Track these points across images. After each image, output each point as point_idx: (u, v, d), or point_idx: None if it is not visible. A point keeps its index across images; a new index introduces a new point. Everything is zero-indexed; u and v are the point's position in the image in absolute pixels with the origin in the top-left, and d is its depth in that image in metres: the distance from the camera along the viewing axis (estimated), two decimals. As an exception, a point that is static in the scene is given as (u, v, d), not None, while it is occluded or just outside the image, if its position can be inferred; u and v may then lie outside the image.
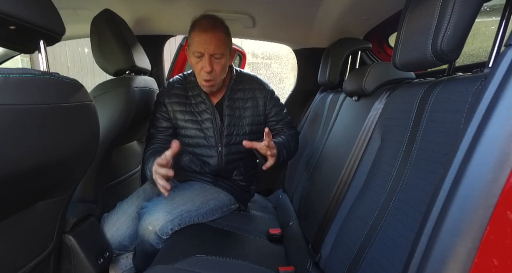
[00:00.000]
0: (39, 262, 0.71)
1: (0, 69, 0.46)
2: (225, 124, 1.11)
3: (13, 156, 0.48)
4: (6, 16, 0.47)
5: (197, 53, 0.97)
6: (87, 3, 1.18)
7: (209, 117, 1.10)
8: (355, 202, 0.74)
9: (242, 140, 1.06)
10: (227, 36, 1.00)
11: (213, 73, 0.99)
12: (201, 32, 0.95)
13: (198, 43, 0.96)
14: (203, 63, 0.98)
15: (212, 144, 1.11)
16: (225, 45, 0.98)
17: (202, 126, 1.10)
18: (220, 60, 0.99)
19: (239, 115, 1.12)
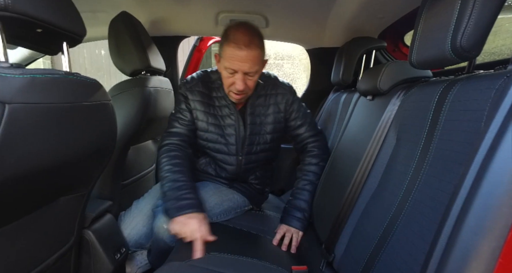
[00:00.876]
0: (61, 255, 0.73)
1: (28, 70, 0.48)
2: (248, 133, 1.06)
3: (38, 151, 0.50)
4: (35, 20, 0.50)
5: (229, 69, 0.91)
6: (106, 6, 1.22)
7: (232, 123, 1.05)
8: (369, 202, 0.73)
9: (262, 148, 1.10)
10: (262, 50, 0.92)
11: (245, 89, 0.95)
12: (235, 48, 0.87)
13: (232, 59, 0.89)
14: (236, 79, 0.92)
15: (233, 152, 1.07)
16: (260, 60, 0.92)
17: (224, 132, 1.05)
18: (254, 77, 0.94)
19: (261, 123, 1.07)
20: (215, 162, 1.11)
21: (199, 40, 1.84)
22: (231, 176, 1.11)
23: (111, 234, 0.99)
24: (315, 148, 1.12)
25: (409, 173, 0.61)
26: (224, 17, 1.34)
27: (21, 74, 0.46)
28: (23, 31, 0.52)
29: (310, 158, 1.12)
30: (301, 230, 1.00)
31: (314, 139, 1.13)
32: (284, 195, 1.55)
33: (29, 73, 0.47)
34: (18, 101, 0.44)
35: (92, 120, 0.65)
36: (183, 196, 0.89)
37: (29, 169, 0.49)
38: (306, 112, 1.13)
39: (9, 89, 0.43)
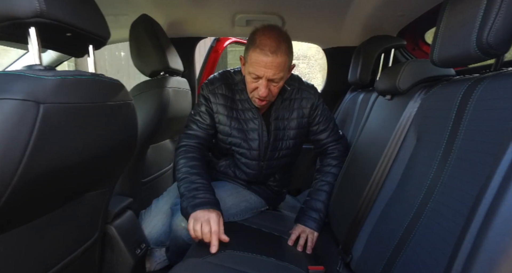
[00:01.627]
0: (87, 248, 0.77)
1: (58, 72, 0.50)
2: (271, 139, 1.03)
3: (67, 149, 0.53)
4: (66, 24, 0.52)
5: (254, 75, 0.88)
6: (127, 9, 1.26)
7: (256, 127, 1.02)
8: (388, 202, 0.72)
9: (285, 154, 1.08)
10: (289, 56, 0.89)
11: (268, 95, 0.91)
12: (261, 54, 0.84)
13: (257, 65, 0.86)
14: (259, 85, 0.89)
15: (255, 158, 1.05)
16: (286, 67, 0.89)
17: (247, 137, 1.03)
18: (278, 83, 0.91)
19: (284, 128, 1.04)
20: (236, 165, 1.10)
21: (216, 41, 1.87)
22: (250, 179, 1.11)
23: (132, 230, 1.02)
24: (336, 150, 1.11)
25: (430, 174, 0.60)
26: (241, 17, 1.35)
27: (53, 76, 0.49)
28: (54, 36, 0.55)
29: (330, 159, 1.11)
30: (317, 230, 0.99)
31: (335, 143, 1.11)
32: (300, 195, 1.54)
33: (60, 75, 0.50)
34: (50, 101, 0.46)
35: (115, 119, 0.68)
36: (199, 195, 0.88)
37: (59, 164, 0.52)
38: (329, 116, 1.10)
39: (43, 90, 0.46)
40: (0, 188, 0.43)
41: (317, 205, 1.04)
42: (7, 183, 0.43)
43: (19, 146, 0.43)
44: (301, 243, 0.95)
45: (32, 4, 0.47)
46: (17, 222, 0.53)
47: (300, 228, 1.00)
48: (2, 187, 0.43)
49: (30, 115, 0.44)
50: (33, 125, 0.44)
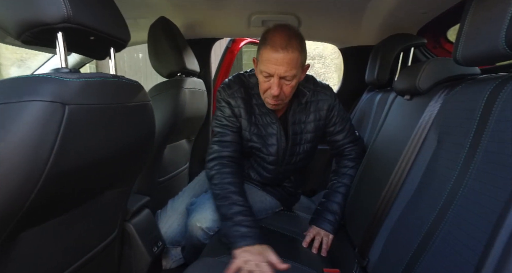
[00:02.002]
0: (107, 244, 0.79)
1: (83, 74, 0.53)
2: (290, 144, 1.01)
3: (90, 148, 0.55)
4: (90, 29, 0.55)
5: (265, 73, 0.86)
6: (146, 12, 1.29)
7: (274, 132, 1.00)
8: (407, 206, 0.70)
9: (302, 158, 1.07)
10: (301, 53, 0.85)
11: (281, 95, 0.88)
12: (271, 51, 0.82)
13: (268, 62, 0.84)
14: (271, 84, 0.87)
15: (273, 163, 1.04)
16: (298, 64, 0.85)
17: (266, 142, 1.01)
18: (291, 82, 0.87)
19: (301, 132, 1.02)
20: (253, 167, 1.10)
21: (232, 41, 1.88)
22: (266, 182, 1.11)
23: (149, 228, 1.05)
24: (352, 151, 1.09)
25: (453, 177, 0.58)
26: (257, 18, 1.35)
27: (78, 78, 0.51)
28: (78, 40, 0.57)
29: (346, 161, 1.09)
30: (332, 233, 0.98)
31: (352, 144, 1.10)
32: (316, 196, 1.53)
33: (84, 77, 0.52)
34: (75, 103, 0.48)
35: (134, 120, 0.69)
36: (244, 223, 0.82)
37: (83, 163, 0.54)
38: (345, 116, 1.07)
39: (69, 92, 0.48)
40: (30, 185, 0.45)
41: (333, 207, 1.02)
42: (36, 180, 0.45)
43: (47, 145, 0.45)
44: (315, 245, 0.94)
45: (60, 10, 0.49)
46: (45, 217, 0.56)
47: (315, 230, 0.99)
48: (32, 184, 0.45)
49: (57, 116, 0.46)
50: (59, 126, 0.46)
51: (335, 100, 1.05)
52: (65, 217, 0.62)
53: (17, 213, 0.46)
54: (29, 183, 0.45)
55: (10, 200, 0.43)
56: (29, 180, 0.45)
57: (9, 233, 0.49)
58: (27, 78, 0.47)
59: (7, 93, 0.44)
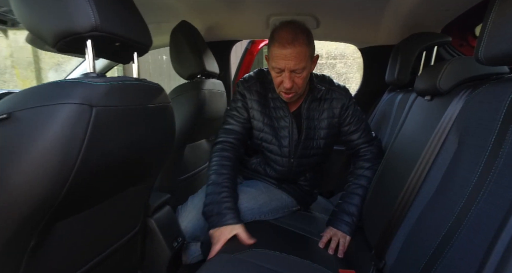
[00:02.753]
0: (130, 238, 0.84)
1: (108, 78, 0.57)
2: (302, 137, 1.05)
3: (114, 147, 0.59)
4: (116, 36, 0.59)
5: (276, 69, 0.92)
6: (168, 16, 1.34)
7: (286, 125, 1.05)
8: (425, 208, 0.69)
9: (315, 153, 1.09)
10: (308, 46, 0.90)
11: (294, 87, 0.93)
12: (280, 47, 0.88)
13: (278, 58, 0.89)
14: (283, 78, 0.92)
15: (286, 155, 1.07)
16: (306, 57, 0.90)
17: (278, 134, 1.06)
18: (301, 74, 0.92)
19: (315, 128, 1.06)
20: (266, 162, 1.13)
21: (251, 43, 1.91)
22: (281, 176, 1.13)
23: (170, 224, 1.09)
24: (368, 152, 1.08)
25: (473, 180, 0.56)
26: (275, 20, 1.37)
27: (104, 82, 0.55)
28: (105, 46, 0.62)
29: (362, 161, 1.08)
30: (349, 234, 0.98)
31: (368, 144, 1.09)
32: (334, 197, 1.52)
33: (109, 81, 0.56)
34: (101, 105, 0.52)
35: (155, 121, 0.73)
36: (224, 205, 0.93)
37: (108, 161, 0.58)
38: (361, 117, 1.09)
39: (96, 95, 0.52)
40: (62, 180, 0.49)
41: (350, 208, 1.02)
42: (67, 175, 0.49)
43: (77, 143, 0.49)
44: (332, 246, 0.94)
45: (89, 20, 0.53)
46: (76, 209, 0.61)
47: (332, 231, 0.99)
48: (64, 179, 0.49)
49: (85, 117, 0.50)
50: (87, 126, 0.50)
51: (350, 100, 1.07)
52: (93, 210, 0.67)
53: (52, 204, 0.50)
54: (62, 178, 0.49)
55: (46, 193, 0.48)
56: (62, 175, 0.49)
57: (46, 223, 0.54)
58: (60, 83, 0.52)
59: (44, 96, 0.49)
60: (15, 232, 0.48)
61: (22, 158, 0.45)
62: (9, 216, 0.47)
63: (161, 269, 1.02)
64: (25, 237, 0.51)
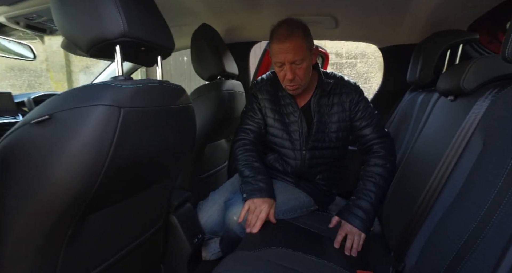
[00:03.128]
0: (153, 233, 0.89)
1: (134, 81, 0.60)
2: (313, 130, 1.10)
3: (140, 146, 0.63)
4: (142, 41, 0.63)
5: (278, 63, 1.00)
6: (190, 20, 1.38)
7: (296, 120, 1.11)
8: (447, 211, 0.67)
9: (327, 146, 1.12)
10: (305, 39, 0.98)
11: (296, 78, 1.00)
12: (278, 42, 0.96)
13: (277, 53, 0.98)
14: (285, 71, 0.99)
15: (297, 147, 1.12)
16: (304, 49, 0.97)
17: (289, 129, 1.12)
18: (301, 64, 0.98)
19: (325, 122, 1.10)
20: (282, 158, 1.17)
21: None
22: (296, 171, 1.14)
23: (190, 221, 1.13)
24: (381, 149, 1.07)
25: (498, 183, 0.55)
26: (294, 21, 1.37)
27: (131, 85, 0.58)
28: (131, 50, 0.66)
29: (375, 159, 1.06)
30: (364, 232, 0.95)
31: (380, 140, 1.08)
32: (352, 199, 1.50)
33: (135, 84, 0.60)
34: (128, 106, 0.56)
35: (178, 121, 0.77)
36: (260, 180, 1.04)
37: (135, 159, 0.62)
38: (372, 113, 1.10)
39: (124, 97, 0.56)
40: (95, 175, 0.53)
41: (365, 204, 0.99)
42: (99, 171, 0.54)
43: (107, 142, 0.53)
44: (348, 246, 0.93)
45: (119, 28, 0.57)
46: (106, 203, 0.65)
47: (347, 227, 0.97)
48: (96, 174, 0.54)
49: (114, 117, 0.54)
50: (116, 125, 0.54)
51: (360, 95, 1.09)
52: (121, 205, 0.71)
53: (87, 196, 0.55)
54: (95, 173, 0.53)
55: (81, 186, 0.52)
56: (95, 170, 0.53)
57: (81, 214, 0.58)
58: (93, 86, 0.56)
59: (79, 99, 0.53)
60: (56, 221, 0.53)
61: (62, 155, 0.50)
62: (52, 206, 0.51)
63: (182, 264, 1.05)
64: (64, 226, 0.56)
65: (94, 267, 0.68)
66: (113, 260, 0.74)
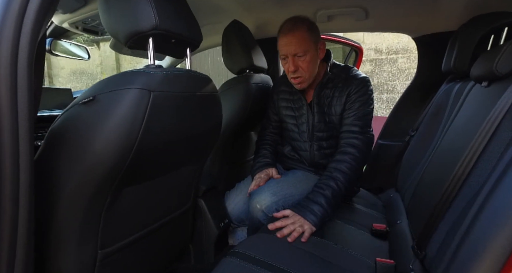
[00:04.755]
0: (182, 213, 0.96)
1: (164, 69, 0.68)
2: (315, 121, 1.16)
3: (168, 128, 0.70)
4: (172, 33, 0.70)
5: (282, 55, 1.06)
6: (222, 17, 1.46)
7: (304, 113, 1.18)
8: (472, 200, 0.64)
9: (331, 135, 1.16)
10: (309, 32, 1.03)
11: (299, 71, 1.05)
12: (282, 35, 1.04)
13: (281, 46, 1.05)
14: (288, 64, 1.05)
15: (305, 139, 1.19)
16: (307, 42, 1.02)
17: (298, 122, 1.20)
18: (304, 57, 1.03)
19: (325, 113, 1.14)
20: (294, 150, 1.25)
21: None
22: (309, 161, 1.19)
23: (217, 206, 1.20)
24: (344, 144, 1.06)
25: None
26: (322, 13, 1.37)
27: (160, 71, 0.66)
28: (163, 43, 0.73)
29: (338, 154, 1.05)
30: (313, 224, 0.90)
31: (350, 136, 1.06)
32: (383, 194, 1.46)
33: (164, 71, 0.67)
34: (157, 90, 0.63)
35: (203, 108, 0.83)
36: (261, 160, 1.23)
37: (162, 139, 0.70)
38: (362, 108, 1.08)
39: (154, 82, 0.63)
40: (128, 150, 0.61)
41: (319, 199, 0.95)
42: (131, 147, 0.61)
43: (138, 121, 0.61)
44: (284, 233, 0.88)
45: (151, 21, 0.65)
46: (138, 179, 0.74)
47: (295, 217, 0.92)
48: (128, 150, 0.61)
49: (145, 100, 0.61)
50: (146, 107, 0.61)
51: (360, 90, 1.09)
52: (151, 183, 0.79)
53: (120, 169, 0.63)
54: (127, 148, 0.61)
55: (116, 158, 0.61)
56: (127, 145, 0.61)
57: (117, 185, 0.67)
58: (128, 72, 0.64)
59: (116, 83, 0.62)
60: (97, 187, 0.62)
61: (101, 130, 0.58)
62: (94, 173, 0.60)
63: (210, 244, 1.13)
64: (104, 193, 0.65)
65: (129, 236, 0.77)
66: (146, 231, 0.82)
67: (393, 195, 1.33)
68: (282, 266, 0.75)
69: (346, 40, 2.24)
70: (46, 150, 0.63)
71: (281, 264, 0.76)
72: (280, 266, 0.76)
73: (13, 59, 0.45)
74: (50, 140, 0.62)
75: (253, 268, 0.74)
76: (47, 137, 0.63)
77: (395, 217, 1.11)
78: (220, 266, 0.75)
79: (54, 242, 0.64)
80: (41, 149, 0.63)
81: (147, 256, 0.87)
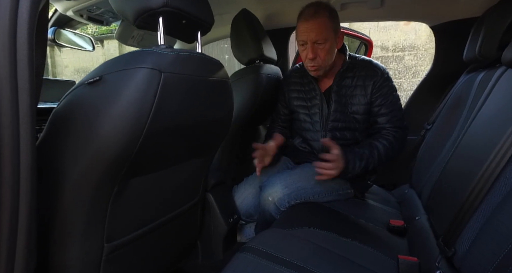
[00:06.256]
0: (190, 207, 0.92)
1: (175, 49, 0.63)
2: (331, 110, 1.12)
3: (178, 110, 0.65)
4: (183, 12, 0.65)
5: (301, 41, 1.03)
6: (231, 7, 1.41)
7: (317, 103, 1.15)
8: (506, 197, 0.59)
9: (347, 126, 1.12)
10: (331, 20, 1.01)
11: (317, 59, 1.03)
12: (303, 21, 1.01)
13: (301, 32, 1.02)
14: (307, 50, 1.02)
15: (318, 129, 1.16)
16: (328, 29, 1.00)
17: (310, 112, 1.17)
18: (324, 45, 1.01)
19: (345, 103, 1.11)
20: (305, 141, 1.22)
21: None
22: (318, 152, 1.14)
23: (226, 200, 1.15)
24: (389, 135, 1.07)
25: None
26: (335, 2, 1.32)
27: (171, 52, 0.61)
28: (173, 23, 0.69)
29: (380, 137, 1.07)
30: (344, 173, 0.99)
31: (393, 130, 1.07)
32: (396, 190, 1.41)
33: (176, 52, 0.63)
34: (168, 71, 0.59)
35: (214, 93, 0.78)
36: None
37: (172, 123, 0.65)
38: (395, 102, 1.08)
39: (165, 62, 0.59)
40: (137, 133, 0.57)
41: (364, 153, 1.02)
42: (141, 130, 0.57)
43: (148, 103, 0.56)
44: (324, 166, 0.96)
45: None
46: (146, 169, 0.69)
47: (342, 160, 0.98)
48: (138, 134, 0.57)
49: (155, 80, 0.57)
50: (157, 88, 0.57)
51: (385, 81, 1.06)
52: (160, 174, 0.75)
53: (129, 155, 0.59)
54: (137, 131, 0.57)
55: (125, 142, 0.56)
56: (136, 129, 0.57)
57: (123, 177, 0.63)
58: (138, 51, 0.60)
59: (125, 62, 0.57)
60: (104, 174, 0.58)
61: (109, 111, 0.54)
62: (102, 157, 0.56)
63: (218, 241, 1.08)
64: (110, 183, 0.61)
65: (135, 229, 0.73)
66: (153, 225, 0.78)
67: (408, 191, 1.28)
68: (298, 262, 0.71)
69: (356, 33, 2.20)
70: (49, 134, 0.58)
71: (296, 260, 0.71)
72: (296, 262, 0.71)
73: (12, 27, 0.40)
74: (53, 123, 0.58)
75: (268, 264, 0.69)
76: (50, 120, 0.58)
77: (413, 213, 1.06)
78: (233, 262, 0.70)
79: (58, 233, 0.59)
80: (44, 133, 0.58)
81: (154, 252, 0.82)
